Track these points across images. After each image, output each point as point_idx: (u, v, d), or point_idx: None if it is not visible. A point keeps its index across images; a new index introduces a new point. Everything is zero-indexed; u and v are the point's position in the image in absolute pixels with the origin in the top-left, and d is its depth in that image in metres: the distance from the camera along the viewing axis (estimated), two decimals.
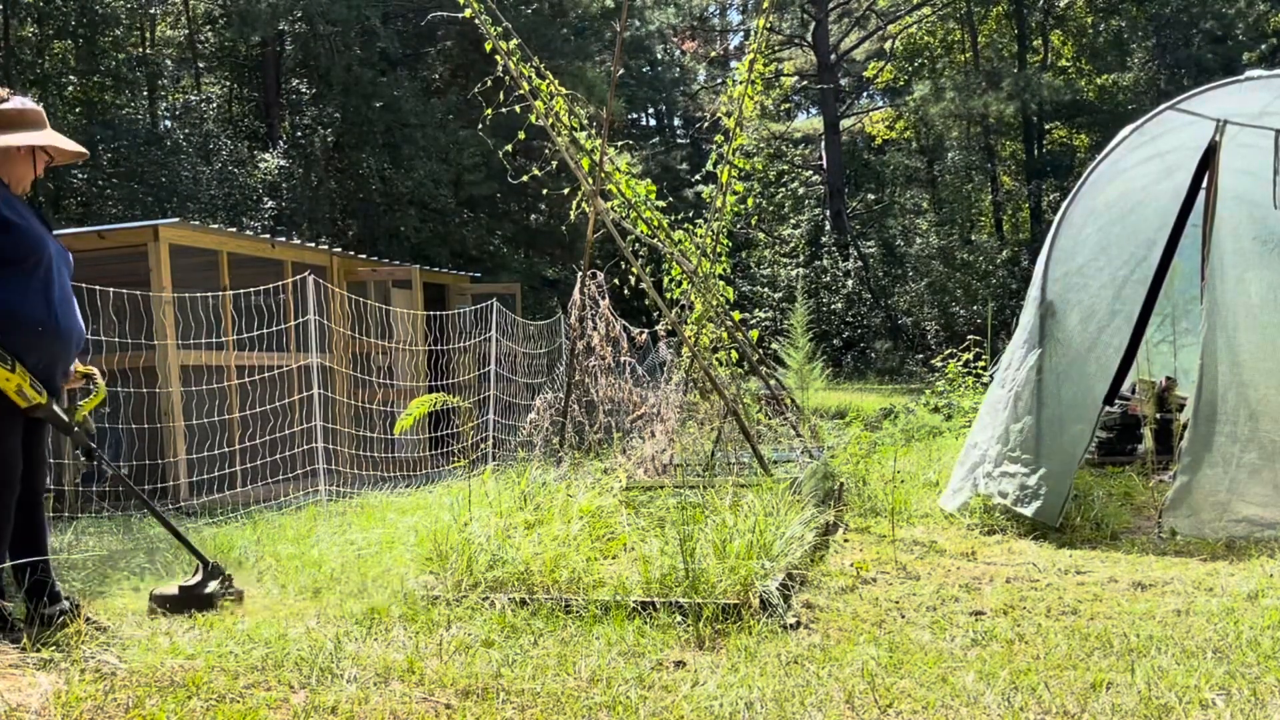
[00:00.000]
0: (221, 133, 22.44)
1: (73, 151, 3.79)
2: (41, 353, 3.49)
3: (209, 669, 3.19)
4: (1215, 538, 5.07)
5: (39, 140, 3.62)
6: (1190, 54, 24.96)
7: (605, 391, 6.47)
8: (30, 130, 3.64)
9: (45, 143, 3.64)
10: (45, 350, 3.50)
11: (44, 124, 3.71)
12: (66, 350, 3.62)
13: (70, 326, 3.60)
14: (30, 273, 3.47)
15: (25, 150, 3.63)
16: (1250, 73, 5.94)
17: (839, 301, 26.11)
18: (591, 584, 4.18)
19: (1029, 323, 5.98)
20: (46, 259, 3.52)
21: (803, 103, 33.81)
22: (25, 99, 3.74)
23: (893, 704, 2.88)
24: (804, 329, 8.54)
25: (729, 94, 6.99)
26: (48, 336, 3.50)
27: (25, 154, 3.64)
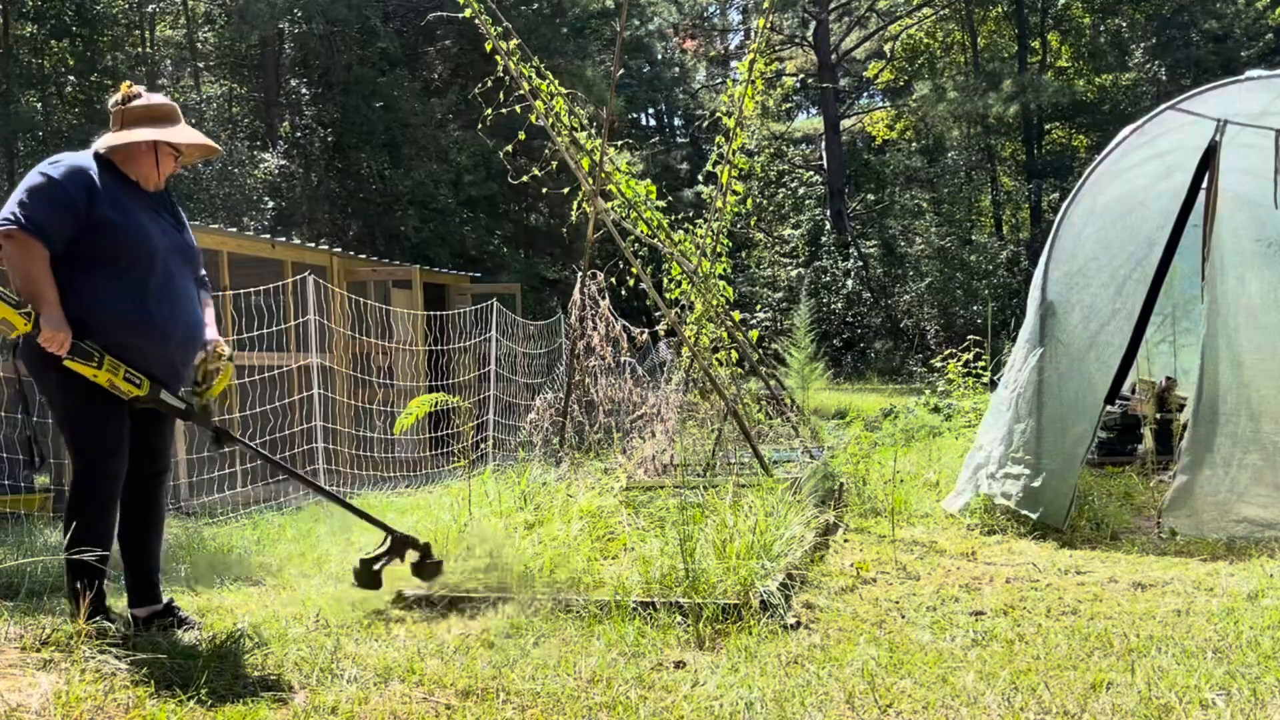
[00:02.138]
0: (221, 132, 22.43)
1: (200, 145, 3.75)
2: (135, 351, 3.43)
3: (209, 669, 3.19)
4: (1215, 538, 5.07)
5: (155, 136, 3.56)
6: (1190, 54, 24.95)
7: (605, 391, 6.47)
8: (154, 126, 3.59)
9: (161, 138, 3.58)
10: (139, 349, 3.44)
11: (174, 119, 3.66)
12: (164, 348, 3.53)
13: (168, 323, 3.51)
14: (124, 270, 3.43)
15: (148, 146, 3.58)
16: (1250, 73, 5.93)
17: (839, 301, 26.11)
18: (592, 584, 4.18)
19: (1030, 323, 5.98)
20: (145, 258, 3.47)
21: (803, 103, 33.80)
22: (156, 95, 3.71)
23: (893, 704, 2.88)
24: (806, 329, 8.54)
25: (729, 94, 6.99)
26: (139, 334, 3.44)
27: (148, 150, 3.59)
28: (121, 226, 3.43)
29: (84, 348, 3.34)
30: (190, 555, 5.39)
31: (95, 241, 3.41)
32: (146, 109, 3.62)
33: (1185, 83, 20.94)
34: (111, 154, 3.57)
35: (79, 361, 3.33)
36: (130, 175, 3.58)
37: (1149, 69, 26.48)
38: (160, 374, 3.53)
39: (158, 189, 3.67)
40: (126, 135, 3.55)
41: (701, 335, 6.82)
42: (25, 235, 3.28)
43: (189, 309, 3.64)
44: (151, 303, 3.47)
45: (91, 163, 3.51)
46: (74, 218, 3.36)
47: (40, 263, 3.31)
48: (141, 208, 3.55)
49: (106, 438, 3.47)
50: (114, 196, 3.47)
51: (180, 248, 3.65)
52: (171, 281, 3.56)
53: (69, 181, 3.39)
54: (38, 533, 6.34)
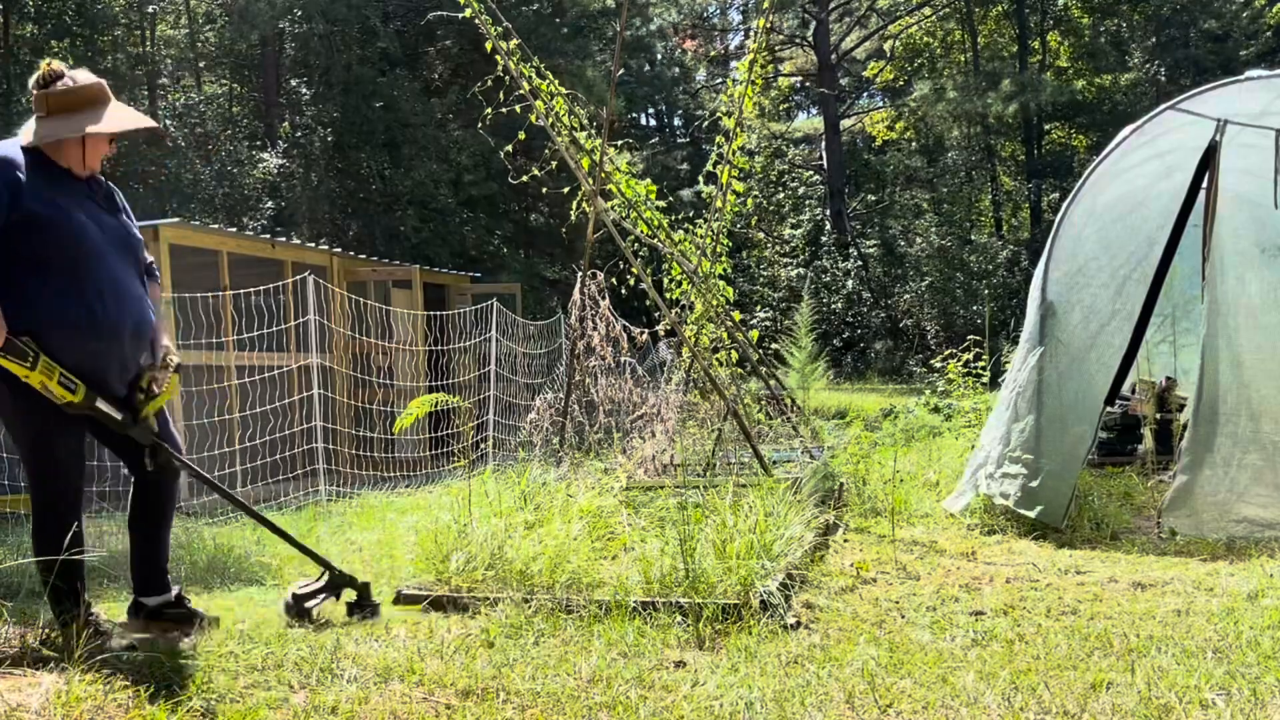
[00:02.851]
0: (221, 132, 22.44)
1: (129, 128, 3.49)
2: (81, 351, 3.29)
3: (209, 669, 3.19)
4: (1215, 538, 5.07)
5: (81, 128, 3.36)
6: (1189, 54, 24.95)
7: (605, 391, 6.47)
8: (81, 113, 3.37)
9: (88, 131, 3.36)
10: (85, 348, 3.30)
11: (103, 100, 3.41)
12: (115, 345, 3.37)
13: (117, 320, 3.35)
14: (63, 268, 3.27)
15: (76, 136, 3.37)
16: (1250, 73, 5.94)
17: (839, 301, 26.10)
18: (592, 584, 4.18)
19: (1030, 323, 5.98)
20: (84, 254, 3.30)
21: (803, 103, 33.80)
22: (83, 73, 3.44)
23: (893, 704, 2.88)
24: (806, 329, 8.54)
25: (729, 94, 6.99)
26: (84, 334, 3.29)
27: (75, 140, 3.37)
28: (53, 222, 3.26)
29: (18, 345, 3.18)
30: (190, 555, 5.39)
31: (27, 240, 3.24)
32: (70, 94, 3.38)
33: (1185, 83, 20.95)
34: (39, 145, 3.36)
35: (12, 360, 3.18)
36: (61, 164, 3.39)
37: (1149, 69, 26.48)
38: (114, 373, 3.40)
39: (92, 175, 3.47)
40: (54, 128, 3.34)
41: (701, 335, 6.82)
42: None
43: (135, 302, 3.46)
44: (95, 300, 3.31)
45: (17, 155, 3.31)
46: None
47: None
48: (76, 199, 3.37)
49: (55, 449, 3.35)
50: (42, 189, 3.29)
51: (121, 238, 3.48)
52: (115, 275, 3.39)
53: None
54: None
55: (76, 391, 3.28)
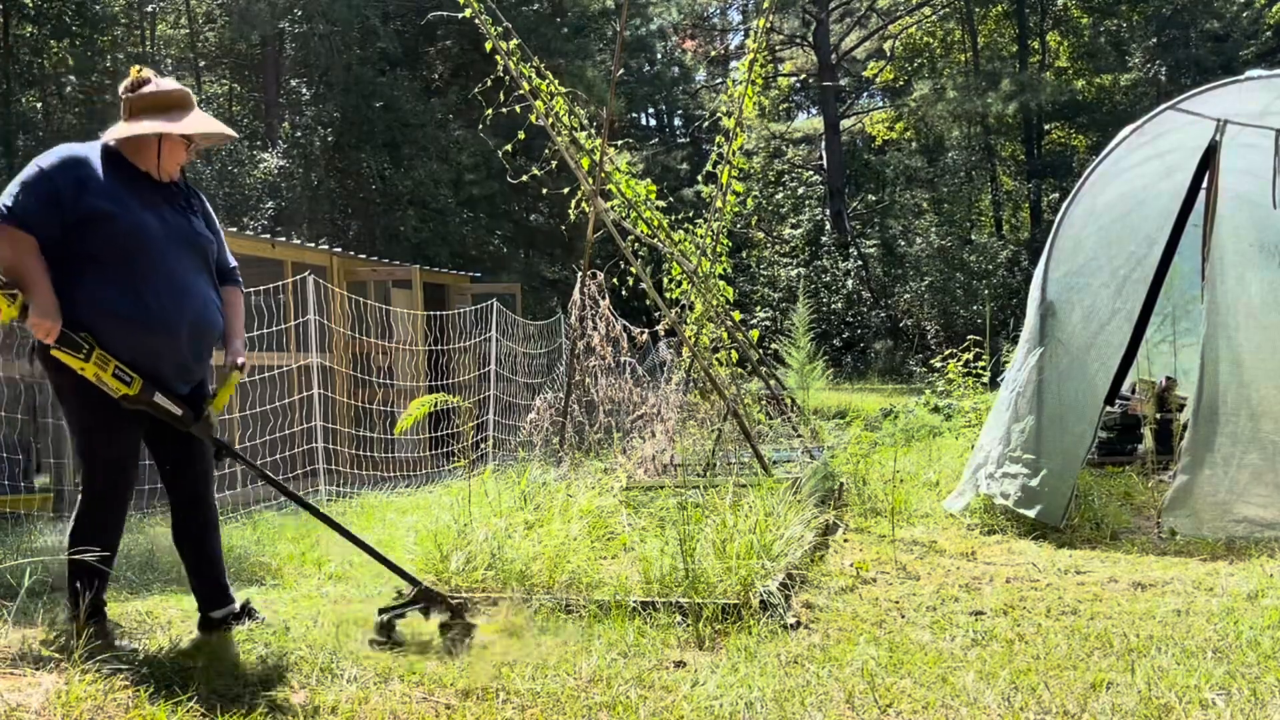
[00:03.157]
0: None
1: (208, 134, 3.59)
2: (135, 347, 3.32)
3: (209, 669, 3.19)
4: (1215, 538, 5.07)
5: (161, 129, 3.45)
6: (1190, 54, 24.95)
7: (605, 391, 6.47)
8: (163, 116, 3.47)
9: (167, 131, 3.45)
10: (139, 344, 3.32)
11: (185, 107, 3.52)
12: (171, 342, 3.39)
13: (175, 318, 3.38)
14: (121, 265, 3.32)
15: (153, 138, 3.47)
16: (1251, 72, 5.93)
17: (839, 301, 26.10)
18: (591, 584, 4.18)
19: (1030, 323, 5.98)
20: (143, 251, 3.34)
21: (803, 103, 33.80)
22: (168, 81, 3.57)
23: (893, 704, 2.88)
24: (805, 329, 8.54)
25: (729, 94, 6.99)
26: (138, 329, 3.31)
27: (153, 142, 3.48)
28: (113, 218, 3.32)
29: (73, 338, 3.23)
30: None
31: (88, 236, 3.31)
32: (154, 97, 3.50)
33: (1185, 83, 20.94)
34: (120, 145, 3.48)
35: (66, 352, 3.23)
36: (140, 166, 3.49)
37: (1149, 69, 26.47)
38: (170, 371, 3.42)
39: (170, 179, 3.56)
40: (131, 128, 3.45)
41: (701, 335, 6.82)
42: (6, 226, 3.20)
43: (197, 302, 3.49)
44: (151, 296, 3.34)
45: (93, 154, 3.42)
46: (59, 210, 3.27)
47: (25, 251, 3.21)
48: (147, 199, 3.43)
49: (113, 446, 3.39)
50: (112, 188, 3.36)
51: (187, 237, 3.51)
52: (175, 275, 3.42)
53: (57, 173, 3.31)
54: (38, 533, 6.34)
55: (132, 385, 3.31)
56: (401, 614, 3.62)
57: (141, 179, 3.48)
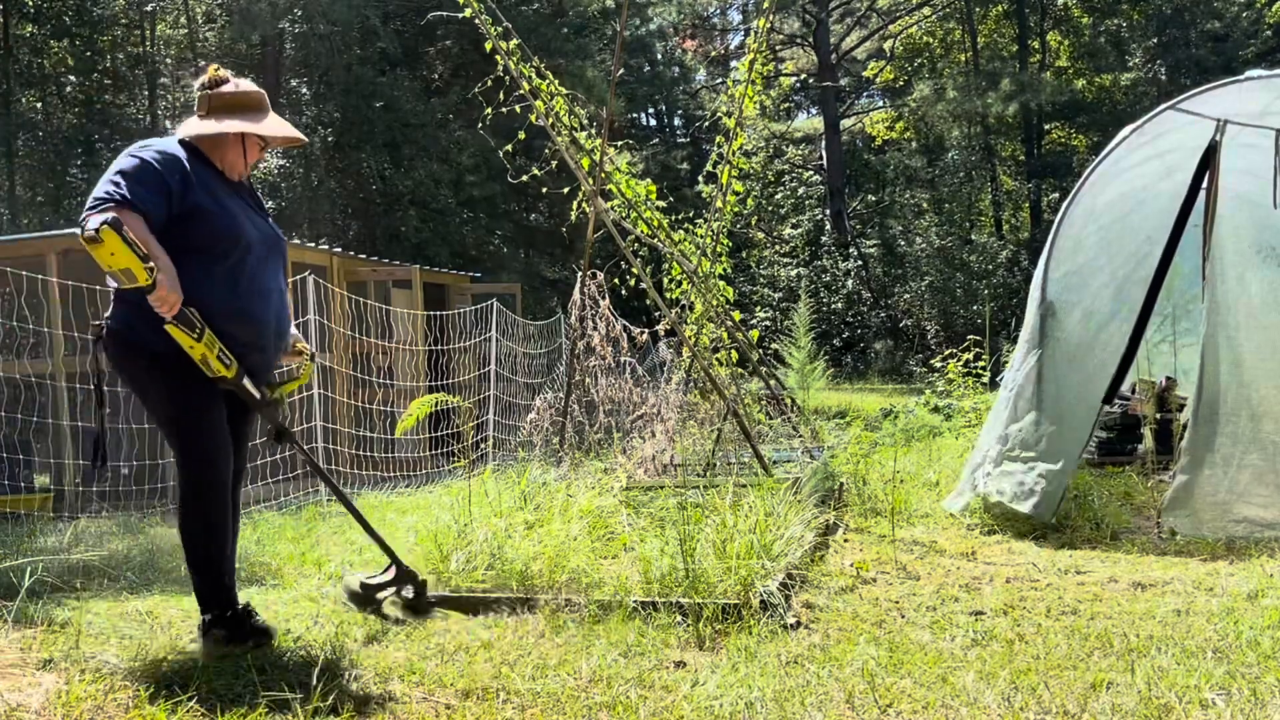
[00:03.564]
0: None
1: (285, 137, 3.64)
2: (232, 342, 3.34)
3: (209, 669, 3.19)
4: (1215, 538, 5.07)
5: (248, 128, 3.48)
6: (1190, 54, 24.96)
7: (605, 391, 6.47)
8: (244, 116, 3.50)
9: (253, 131, 3.50)
10: (233, 338, 3.34)
11: (263, 109, 3.56)
12: (260, 341, 3.45)
13: (261, 314, 3.44)
14: (219, 259, 3.34)
15: (236, 137, 3.49)
16: (1251, 72, 5.93)
17: (839, 301, 26.10)
18: (592, 584, 4.18)
19: (1030, 323, 5.98)
20: (240, 247, 3.38)
21: (803, 103, 33.80)
22: (246, 82, 3.59)
23: (893, 704, 2.88)
24: (806, 329, 8.54)
25: (729, 94, 6.99)
26: (233, 321, 3.34)
27: (236, 141, 3.50)
28: (215, 215, 3.35)
29: (189, 316, 3.22)
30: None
31: (189, 230, 3.31)
32: (236, 97, 3.51)
33: (1185, 83, 20.94)
34: (198, 142, 3.47)
35: (181, 329, 3.21)
36: (215, 163, 3.50)
37: (1149, 69, 26.48)
38: (253, 366, 3.44)
39: (242, 179, 3.59)
40: (216, 126, 3.45)
41: (701, 335, 6.82)
42: (122, 211, 3.12)
43: (280, 302, 3.56)
44: (245, 294, 3.39)
45: (180, 149, 3.41)
46: (167, 201, 3.26)
47: (144, 229, 3.15)
48: (230, 196, 3.46)
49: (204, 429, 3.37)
50: (206, 184, 3.38)
51: (271, 239, 3.57)
52: (264, 273, 3.48)
53: (161, 165, 3.28)
54: (38, 533, 6.34)
55: (231, 367, 3.34)
56: (384, 587, 3.90)
57: (219, 176, 3.49)
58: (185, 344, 3.25)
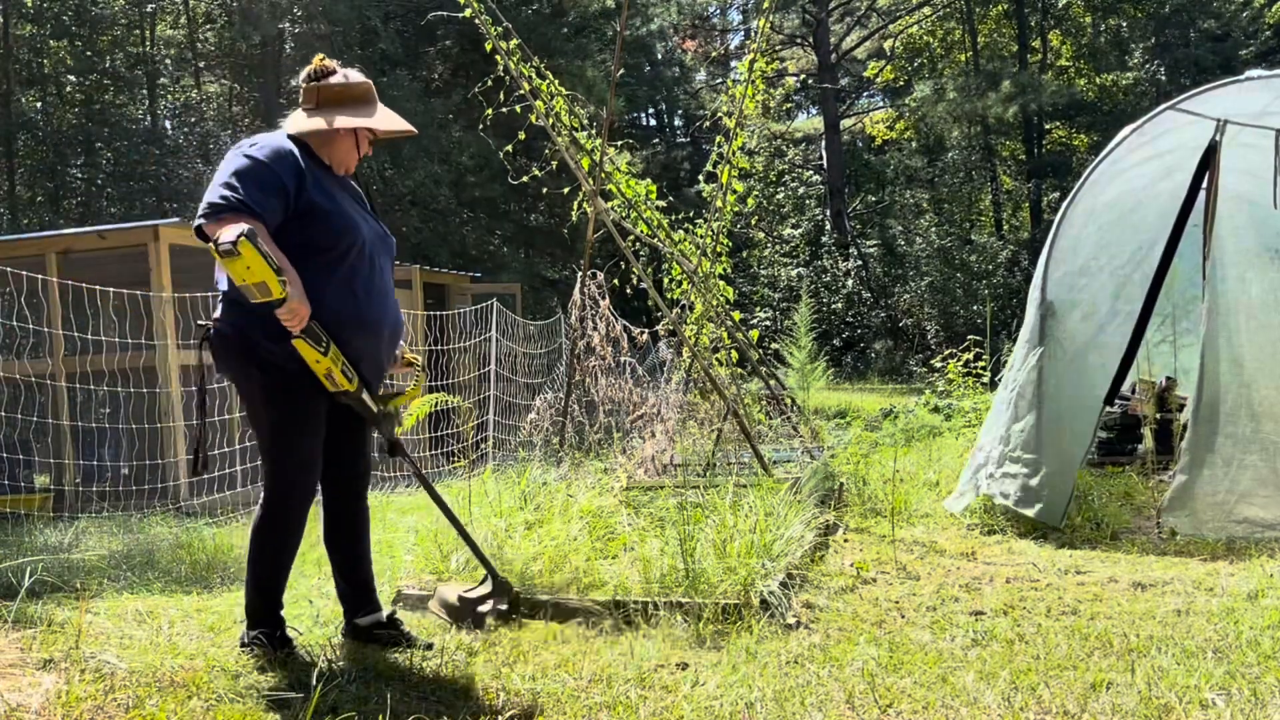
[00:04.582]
0: (222, 132, 22.45)
1: (397, 130, 3.48)
2: (349, 347, 3.23)
3: (209, 669, 3.19)
4: (1215, 538, 5.07)
5: (360, 123, 3.35)
6: (1190, 54, 24.95)
7: (605, 391, 6.47)
8: (352, 109, 3.36)
9: (366, 125, 3.36)
10: (351, 342, 3.24)
11: (371, 100, 3.42)
12: (374, 342, 3.34)
13: (379, 318, 3.33)
14: (336, 261, 3.23)
15: (348, 131, 3.36)
16: (1250, 73, 5.93)
17: (839, 301, 26.09)
18: (592, 584, 4.18)
19: (1030, 323, 5.98)
20: (356, 246, 3.27)
21: (803, 103, 33.80)
22: (354, 73, 3.44)
23: (893, 704, 2.88)
24: (806, 329, 8.54)
25: (730, 93, 6.98)
26: (350, 327, 3.23)
27: (347, 134, 3.36)
28: (331, 213, 3.23)
29: (315, 330, 3.12)
30: (190, 555, 5.39)
31: (306, 229, 3.19)
32: (345, 89, 3.37)
33: (1185, 83, 20.95)
34: (308, 137, 3.33)
35: (308, 343, 3.11)
36: (324, 159, 3.36)
37: (1149, 69, 26.47)
38: (368, 372, 3.34)
39: (349, 174, 3.47)
40: (322, 120, 3.31)
41: (701, 335, 6.82)
42: (239, 217, 3.01)
43: (393, 304, 3.45)
44: (363, 296, 3.27)
45: (291, 145, 3.27)
46: (284, 201, 3.14)
47: (264, 236, 3.03)
48: (341, 193, 3.35)
49: (299, 449, 3.29)
50: (319, 181, 3.26)
51: (381, 237, 3.45)
52: (378, 274, 3.36)
53: (275, 163, 3.16)
54: (38, 533, 6.34)
55: (353, 381, 3.26)
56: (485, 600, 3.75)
57: (329, 172, 3.38)
58: (311, 359, 3.15)
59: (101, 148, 19.66)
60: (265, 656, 3.28)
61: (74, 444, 9.11)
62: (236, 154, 3.20)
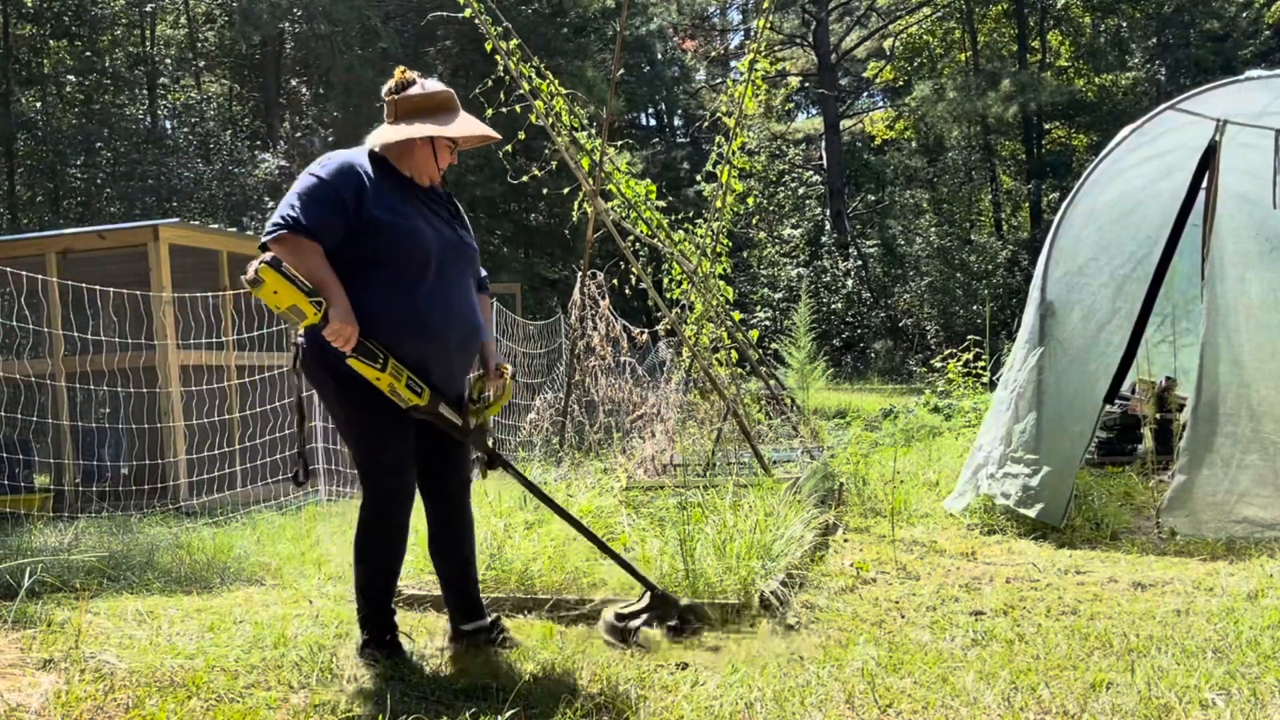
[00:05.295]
0: (221, 132, 22.45)
1: (476, 136, 3.46)
2: (409, 356, 3.21)
3: (209, 669, 3.19)
4: (1215, 538, 5.07)
5: (431, 132, 3.33)
6: (1190, 54, 24.96)
7: (605, 391, 6.47)
8: (431, 119, 3.36)
9: (437, 134, 3.34)
10: (413, 353, 3.21)
11: (452, 109, 3.41)
12: (440, 353, 3.29)
13: (443, 328, 3.29)
14: (398, 274, 3.23)
15: (424, 141, 3.35)
16: (1250, 73, 5.93)
17: (839, 301, 26.10)
18: (592, 584, 4.18)
19: (1030, 323, 5.98)
20: (418, 259, 3.25)
21: (803, 103, 33.82)
22: (433, 83, 3.44)
23: (893, 704, 2.88)
24: (806, 329, 8.54)
25: (730, 93, 6.99)
26: (412, 338, 3.21)
27: (424, 144, 3.35)
28: (392, 227, 3.23)
29: (369, 347, 3.13)
30: (190, 555, 5.39)
31: (366, 243, 3.22)
32: (423, 99, 3.38)
33: (1185, 83, 20.96)
34: (385, 150, 3.36)
35: (363, 361, 3.12)
36: (404, 171, 3.38)
37: (1149, 69, 26.49)
38: (437, 381, 3.32)
39: (433, 184, 3.46)
40: (401, 131, 3.32)
41: (701, 335, 6.82)
42: (295, 236, 3.10)
43: (466, 312, 3.40)
44: (424, 305, 3.25)
45: (364, 160, 3.31)
46: (344, 217, 3.18)
47: (316, 257, 3.11)
48: (416, 205, 3.34)
49: (385, 453, 3.29)
50: (386, 196, 3.27)
51: (456, 246, 3.41)
52: (446, 283, 3.32)
53: (338, 181, 3.20)
54: (38, 533, 6.34)
55: (422, 395, 3.24)
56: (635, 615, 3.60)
57: (409, 185, 3.38)
58: (370, 376, 3.15)
59: (101, 148, 19.65)
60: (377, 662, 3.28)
61: (74, 444, 9.12)
62: (306, 173, 3.26)
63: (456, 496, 3.54)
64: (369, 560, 3.37)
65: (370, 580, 3.38)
